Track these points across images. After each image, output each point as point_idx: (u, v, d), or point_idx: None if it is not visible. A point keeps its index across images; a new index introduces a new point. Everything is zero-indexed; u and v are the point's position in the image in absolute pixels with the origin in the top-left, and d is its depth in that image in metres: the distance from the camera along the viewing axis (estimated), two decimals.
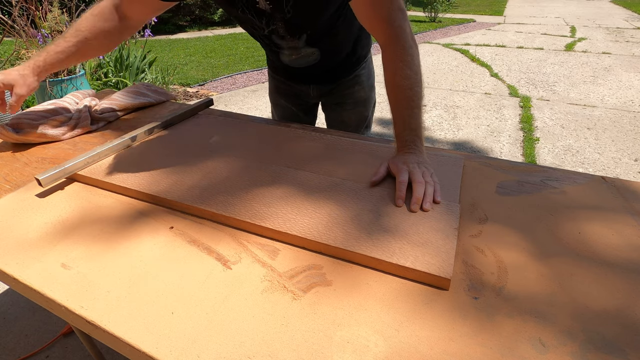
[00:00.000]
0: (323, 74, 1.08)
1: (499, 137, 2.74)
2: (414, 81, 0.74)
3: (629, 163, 2.36)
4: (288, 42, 0.92)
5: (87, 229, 0.63)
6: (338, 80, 1.10)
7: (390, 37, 0.76)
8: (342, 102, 1.15)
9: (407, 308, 0.48)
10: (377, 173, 0.72)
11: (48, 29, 2.04)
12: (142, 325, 0.46)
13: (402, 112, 0.75)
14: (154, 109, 1.16)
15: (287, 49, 0.95)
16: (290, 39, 0.91)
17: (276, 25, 0.86)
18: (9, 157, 0.89)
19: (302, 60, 0.99)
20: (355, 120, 1.18)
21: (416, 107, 0.74)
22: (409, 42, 0.75)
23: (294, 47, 0.94)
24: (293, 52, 0.96)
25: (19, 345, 1.26)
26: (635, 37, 5.94)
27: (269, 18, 0.84)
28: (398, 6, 0.75)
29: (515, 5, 10.05)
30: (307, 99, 1.17)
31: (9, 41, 4.64)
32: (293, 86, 1.15)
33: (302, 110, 1.21)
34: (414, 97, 0.74)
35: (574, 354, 0.42)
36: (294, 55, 0.97)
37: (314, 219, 0.61)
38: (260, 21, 0.85)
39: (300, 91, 1.15)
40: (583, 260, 0.55)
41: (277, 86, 1.19)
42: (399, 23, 0.75)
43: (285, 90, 1.18)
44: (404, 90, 0.74)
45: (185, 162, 0.79)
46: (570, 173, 0.77)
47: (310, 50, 0.95)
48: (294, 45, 0.93)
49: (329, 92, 1.14)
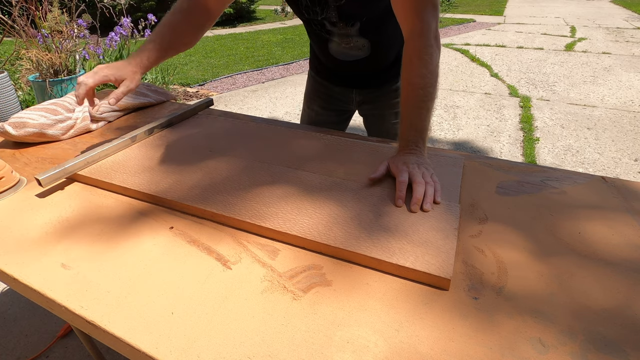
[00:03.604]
0: (369, 75, 1.05)
1: (499, 137, 2.74)
2: (428, 81, 0.73)
3: (629, 163, 2.36)
4: (340, 29, 0.92)
5: (87, 229, 0.63)
6: (384, 85, 1.06)
7: (414, 29, 0.75)
8: (385, 113, 1.10)
9: (407, 308, 0.48)
10: (376, 171, 0.71)
11: (48, 29, 2.04)
12: (142, 326, 0.46)
13: (409, 111, 0.74)
14: (154, 109, 1.16)
15: (338, 36, 0.95)
16: (342, 25, 0.91)
17: (329, 12, 0.87)
18: (9, 157, 0.89)
19: (351, 52, 0.97)
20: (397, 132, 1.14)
21: (424, 108, 0.73)
22: (431, 41, 0.74)
23: (345, 34, 0.93)
24: (343, 41, 0.96)
25: (19, 345, 1.26)
26: (635, 37, 5.94)
27: (324, 5, 0.86)
28: (433, 1, 0.74)
29: (515, 5, 10.05)
30: (347, 105, 1.14)
31: (9, 41, 4.64)
32: (334, 90, 1.12)
33: (338, 118, 1.17)
34: (424, 98, 0.73)
35: (574, 354, 0.42)
36: (343, 44, 0.96)
37: (314, 219, 0.61)
38: (315, 6, 0.88)
39: (341, 96, 1.12)
40: (583, 260, 0.55)
41: (316, 89, 1.16)
42: (427, 18, 0.74)
43: (324, 94, 1.14)
44: (416, 89, 0.73)
45: (185, 162, 0.79)
46: (570, 173, 0.77)
47: (361, 42, 0.94)
48: (346, 32, 0.93)
49: (372, 100, 1.10)
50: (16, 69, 3.15)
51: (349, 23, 0.90)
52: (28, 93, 2.87)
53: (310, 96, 1.18)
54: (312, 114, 1.19)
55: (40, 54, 1.94)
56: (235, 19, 8.06)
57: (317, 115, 1.18)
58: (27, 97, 2.84)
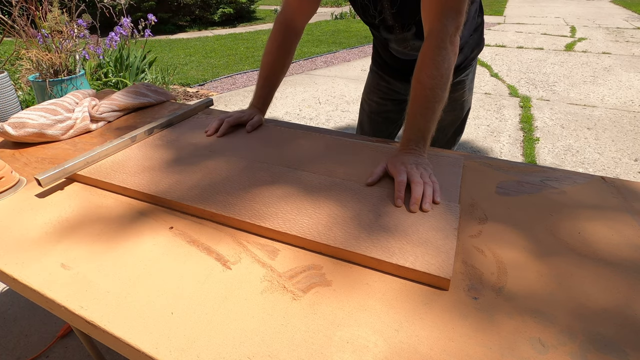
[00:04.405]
0: None
1: (498, 137, 2.74)
2: (437, 82, 0.73)
3: (629, 163, 2.35)
4: (397, 35, 0.94)
5: (87, 229, 0.63)
6: None
7: (432, 30, 0.75)
8: None
9: (406, 308, 0.48)
10: (372, 174, 0.71)
11: (48, 29, 2.04)
12: (142, 326, 0.46)
13: (415, 110, 0.74)
14: (154, 109, 1.16)
15: (395, 42, 0.98)
16: (399, 31, 0.93)
17: (385, 16, 0.89)
18: (9, 157, 0.89)
19: (410, 52, 1.00)
20: (449, 121, 1.15)
21: (430, 109, 0.73)
22: (446, 44, 0.74)
23: (402, 39, 0.95)
24: (401, 45, 0.98)
25: (19, 345, 1.26)
26: (635, 37, 5.94)
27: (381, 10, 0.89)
28: (456, 7, 0.74)
29: (515, 5, 10.05)
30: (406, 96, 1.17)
31: (9, 41, 4.64)
32: (393, 84, 1.15)
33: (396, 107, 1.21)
34: (431, 99, 0.73)
35: (574, 354, 0.42)
36: (402, 47, 0.99)
37: (314, 219, 0.61)
38: (371, 11, 0.91)
39: (400, 89, 1.15)
40: (583, 260, 0.55)
41: (377, 83, 1.19)
42: (446, 22, 0.74)
43: (385, 87, 1.18)
44: (425, 89, 0.73)
45: (185, 162, 0.79)
46: (570, 173, 0.77)
47: (418, 44, 0.95)
48: (403, 37, 0.95)
49: None
50: (16, 69, 3.15)
51: (404, 28, 0.92)
52: (28, 93, 2.87)
53: (371, 89, 1.22)
54: (372, 105, 1.23)
55: (40, 54, 1.94)
56: (235, 19, 8.06)
57: (378, 106, 1.22)
58: (27, 97, 2.84)
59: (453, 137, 1.20)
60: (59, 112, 0.98)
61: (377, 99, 1.21)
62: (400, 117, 1.24)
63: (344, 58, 5.03)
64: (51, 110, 0.98)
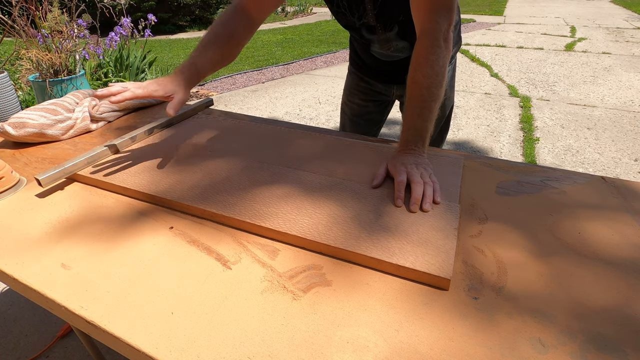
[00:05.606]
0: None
1: (499, 137, 2.74)
2: (433, 81, 0.73)
3: (629, 163, 2.35)
4: (379, 35, 0.94)
5: (87, 229, 0.63)
6: None
7: (424, 29, 0.75)
8: None
9: (406, 308, 0.48)
10: (376, 176, 0.71)
11: (48, 29, 2.04)
12: (142, 326, 0.46)
13: (412, 110, 0.74)
14: (154, 109, 1.16)
15: (378, 43, 0.97)
16: (381, 31, 0.92)
17: (367, 18, 0.88)
18: (9, 157, 0.89)
19: (393, 53, 0.99)
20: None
21: (427, 108, 0.73)
22: (439, 41, 0.74)
23: (384, 39, 0.95)
24: (383, 47, 0.97)
25: (19, 345, 1.26)
26: (635, 37, 5.94)
27: (362, 11, 0.87)
28: (447, 4, 0.74)
29: (515, 5, 10.05)
30: (387, 97, 1.17)
31: (9, 41, 4.64)
32: (374, 85, 1.14)
33: (378, 108, 1.20)
34: (427, 98, 0.73)
35: (574, 354, 0.42)
36: (384, 49, 0.98)
37: (314, 219, 0.61)
38: (353, 15, 0.89)
39: (382, 90, 1.14)
40: (583, 260, 0.55)
41: (356, 84, 1.19)
42: (439, 20, 0.74)
43: (365, 88, 1.17)
44: (420, 88, 0.73)
45: (185, 162, 0.79)
46: (570, 173, 0.77)
47: (401, 44, 0.95)
48: (385, 37, 0.94)
49: None
50: (16, 69, 3.15)
51: (387, 28, 0.91)
52: (28, 93, 2.87)
53: (351, 91, 1.21)
54: (354, 107, 1.22)
55: (40, 54, 1.94)
56: None
57: (359, 108, 1.21)
58: (27, 97, 2.84)
59: (440, 136, 1.20)
60: (59, 112, 0.98)
61: (359, 101, 1.20)
62: (382, 118, 1.24)
63: (344, 58, 5.02)
64: (51, 110, 0.98)
